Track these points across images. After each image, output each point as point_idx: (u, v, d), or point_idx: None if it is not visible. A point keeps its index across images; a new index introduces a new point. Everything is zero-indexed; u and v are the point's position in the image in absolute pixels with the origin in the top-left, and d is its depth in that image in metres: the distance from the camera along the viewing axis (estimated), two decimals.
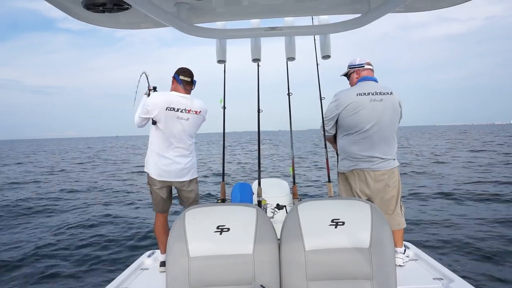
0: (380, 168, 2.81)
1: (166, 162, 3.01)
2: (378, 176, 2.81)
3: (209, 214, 1.73)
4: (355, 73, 3.00)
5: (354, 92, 2.85)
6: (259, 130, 3.56)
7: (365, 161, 2.81)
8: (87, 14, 1.24)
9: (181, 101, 3.00)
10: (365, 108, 2.78)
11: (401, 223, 2.94)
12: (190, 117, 3.03)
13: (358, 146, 2.83)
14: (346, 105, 2.83)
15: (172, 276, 1.66)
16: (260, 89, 3.48)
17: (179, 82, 3.03)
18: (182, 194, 3.20)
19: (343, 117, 2.87)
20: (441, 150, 23.43)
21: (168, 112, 2.94)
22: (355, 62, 3.02)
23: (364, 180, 2.83)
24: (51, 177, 16.72)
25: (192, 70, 3.13)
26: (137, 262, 3.12)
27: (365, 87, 2.85)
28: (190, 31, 1.33)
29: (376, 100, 2.79)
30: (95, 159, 28.31)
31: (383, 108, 2.79)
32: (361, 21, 1.31)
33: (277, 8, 1.42)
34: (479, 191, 8.69)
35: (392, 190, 2.87)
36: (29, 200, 10.50)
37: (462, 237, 5.44)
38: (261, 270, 1.64)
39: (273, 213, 3.26)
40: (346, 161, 2.91)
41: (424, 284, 2.49)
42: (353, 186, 2.87)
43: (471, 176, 11.23)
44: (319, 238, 1.66)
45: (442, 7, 1.37)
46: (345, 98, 2.86)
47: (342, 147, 2.97)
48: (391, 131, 2.86)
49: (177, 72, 3.06)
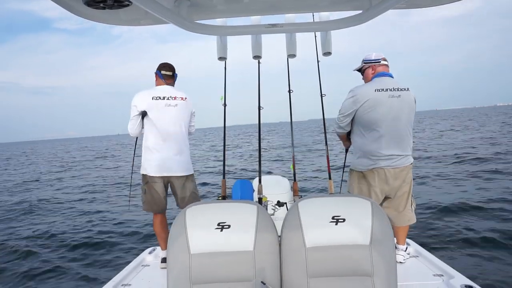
0: (400, 165, 2.76)
1: (162, 157, 3.01)
2: (397, 173, 2.77)
3: (210, 211, 1.73)
4: (371, 68, 2.91)
5: (372, 87, 2.75)
6: (259, 128, 3.56)
7: (385, 159, 2.75)
8: (87, 11, 1.24)
9: (165, 89, 3.09)
10: (384, 105, 2.71)
11: (411, 218, 2.91)
12: (178, 103, 3.08)
13: (377, 144, 2.75)
14: (364, 102, 2.73)
15: (173, 273, 1.67)
16: (261, 83, 3.47)
17: (160, 77, 3.13)
18: (176, 192, 3.16)
19: (360, 114, 2.77)
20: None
21: (156, 101, 3.01)
22: (371, 57, 2.93)
23: (384, 179, 2.77)
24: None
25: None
26: (138, 258, 3.13)
27: (383, 83, 2.77)
28: (191, 28, 1.32)
29: (394, 97, 2.72)
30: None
31: (401, 105, 2.73)
32: (362, 17, 1.30)
33: (278, 5, 1.42)
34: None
35: (405, 186, 2.84)
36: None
37: (464, 232, 5.45)
38: (261, 267, 1.65)
39: (273, 210, 3.26)
40: (364, 160, 2.82)
41: (424, 281, 2.49)
42: (373, 185, 2.80)
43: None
44: (320, 235, 1.67)
45: (443, 3, 1.37)
46: (362, 94, 2.75)
47: (359, 145, 2.87)
48: (408, 127, 2.81)
49: (159, 68, 3.17)
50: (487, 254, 4.65)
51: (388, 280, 1.62)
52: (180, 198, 3.16)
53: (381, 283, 1.61)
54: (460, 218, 6.27)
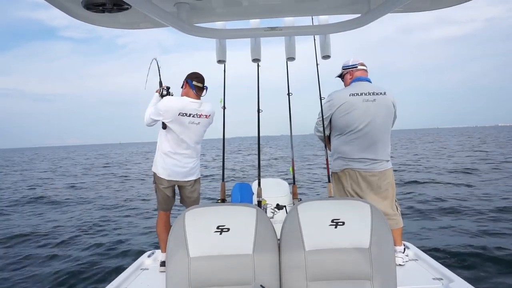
0: (371, 169, 2.82)
1: (175, 163, 3.08)
2: (368, 177, 2.83)
3: (209, 214, 1.73)
4: (348, 73, 3.03)
5: (347, 92, 2.86)
6: (259, 130, 3.56)
7: (356, 161, 2.83)
8: (86, 14, 1.24)
9: (193, 106, 3.05)
10: (358, 109, 2.79)
11: (399, 222, 2.95)
12: (201, 121, 3.11)
13: (350, 147, 2.84)
14: (339, 105, 2.84)
15: (172, 276, 1.66)
16: (261, 92, 3.48)
17: (191, 87, 3.08)
18: (185, 193, 3.24)
19: (335, 117, 2.89)
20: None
21: (181, 118, 3.00)
22: (349, 63, 3.05)
23: (355, 180, 2.85)
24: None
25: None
26: (137, 262, 3.12)
27: (358, 87, 2.86)
28: (190, 31, 1.33)
29: (369, 101, 2.80)
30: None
31: (376, 109, 2.80)
32: (361, 21, 1.31)
33: (277, 8, 1.42)
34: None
35: (385, 192, 2.87)
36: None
37: (463, 236, 5.44)
38: (261, 270, 1.64)
39: (273, 213, 3.26)
40: (338, 161, 2.94)
41: (424, 284, 2.48)
42: (345, 186, 2.90)
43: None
44: (319, 238, 1.66)
45: (442, 7, 1.37)
46: (338, 98, 2.87)
47: (335, 147, 2.99)
48: (384, 132, 2.86)
49: (190, 77, 3.09)
50: (488, 257, 4.64)
51: (387, 284, 1.62)
52: (187, 197, 3.24)
53: (381, 287, 1.61)
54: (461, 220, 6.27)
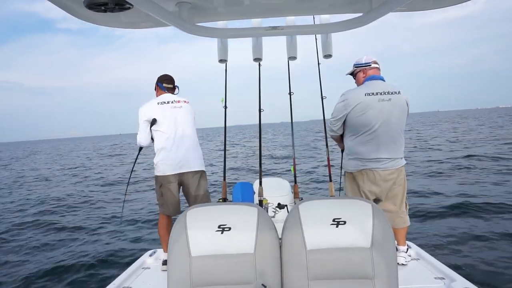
0: (388, 167, 2.80)
1: (176, 154, 3.10)
2: (386, 176, 2.81)
3: (210, 214, 1.73)
4: (362, 72, 2.95)
5: (362, 91, 2.80)
6: (260, 130, 3.57)
7: (373, 162, 2.79)
8: (88, 14, 1.24)
9: (168, 96, 3.23)
10: (374, 109, 2.75)
11: (406, 221, 2.94)
12: (183, 106, 3.21)
13: (366, 147, 2.80)
14: (354, 105, 2.78)
15: (174, 275, 1.67)
16: (263, 85, 3.49)
17: (163, 89, 3.25)
18: (191, 193, 3.20)
19: (351, 118, 2.83)
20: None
21: (162, 106, 3.13)
22: (362, 61, 2.97)
23: (373, 180, 2.81)
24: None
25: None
26: (139, 261, 3.13)
27: (373, 86, 2.81)
28: (192, 30, 1.33)
29: (385, 100, 2.76)
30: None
31: (391, 108, 2.77)
32: (363, 20, 1.31)
33: (279, 7, 1.42)
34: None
35: (397, 188, 2.87)
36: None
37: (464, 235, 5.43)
38: (262, 269, 1.65)
39: (274, 213, 3.26)
40: (354, 161, 2.88)
41: (426, 284, 2.48)
42: (361, 186, 2.85)
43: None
44: (321, 237, 1.66)
45: (444, 6, 1.37)
46: (353, 98, 2.81)
47: (350, 148, 2.93)
48: (399, 130, 2.84)
49: (160, 80, 3.28)
50: (490, 256, 4.63)
51: (389, 283, 1.62)
52: (193, 196, 3.21)
53: (382, 286, 1.61)
54: (462, 219, 6.26)
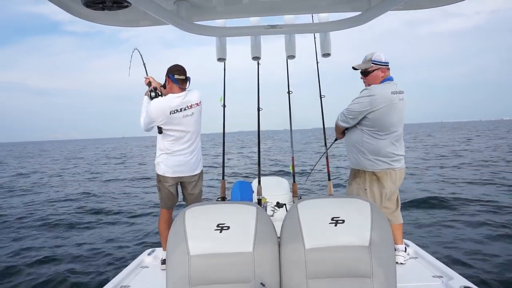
0: (403, 166, 2.87)
1: (178, 159, 3.09)
2: (402, 174, 2.86)
3: (209, 213, 1.73)
4: (380, 71, 2.82)
5: (389, 90, 2.73)
6: (259, 128, 3.57)
7: (397, 160, 2.80)
8: (86, 12, 1.24)
9: (180, 100, 3.01)
10: (397, 107, 2.72)
11: (400, 218, 3.01)
12: (194, 111, 3.09)
13: (393, 146, 2.78)
14: (382, 104, 2.67)
15: (172, 274, 1.66)
16: (262, 88, 3.50)
17: (174, 81, 2.99)
18: (187, 191, 3.24)
19: (378, 116, 2.70)
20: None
21: (174, 115, 2.98)
22: (381, 59, 2.82)
23: (394, 180, 2.82)
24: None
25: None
26: (137, 260, 3.13)
27: (392, 86, 2.77)
28: (190, 29, 1.32)
29: (401, 100, 2.75)
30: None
31: (403, 106, 2.80)
32: (361, 19, 1.31)
33: (277, 6, 1.42)
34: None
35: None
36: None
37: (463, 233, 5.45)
38: (261, 268, 1.65)
39: (273, 212, 3.26)
40: (380, 162, 2.77)
41: (424, 282, 2.49)
42: (385, 187, 2.79)
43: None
44: (319, 236, 1.67)
45: (441, 5, 1.37)
46: (382, 96, 2.69)
47: (375, 147, 2.77)
48: (402, 128, 2.89)
49: (171, 71, 3.00)
50: (489, 255, 4.64)
51: (387, 282, 1.62)
52: (189, 194, 3.24)
53: (380, 285, 1.61)
54: (461, 218, 6.28)
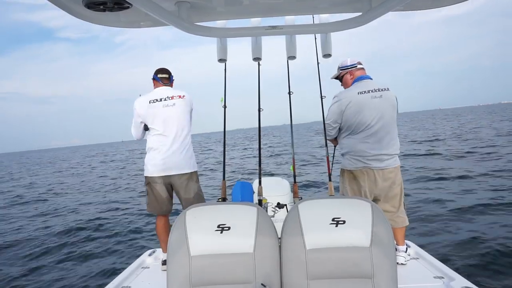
0: (389, 165, 2.83)
1: (163, 156, 3.04)
2: (386, 174, 2.83)
3: (210, 213, 1.73)
4: (348, 74, 2.99)
5: (355, 91, 2.85)
6: (259, 130, 3.56)
7: (373, 159, 2.81)
8: (87, 13, 1.24)
9: (162, 91, 3.16)
10: (368, 106, 2.79)
11: (405, 220, 2.96)
12: (176, 102, 3.12)
13: (366, 145, 2.82)
14: (348, 104, 2.82)
15: (173, 275, 1.67)
16: (263, 87, 3.49)
17: (158, 80, 3.22)
18: (180, 195, 3.16)
19: (347, 117, 2.86)
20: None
21: (153, 105, 3.08)
22: (347, 63, 3.01)
23: (373, 180, 2.83)
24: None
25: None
26: (138, 260, 3.13)
27: (364, 85, 2.86)
28: (191, 30, 1.32)
29: (377, 97, 2.80)
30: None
31: (383, 104, 2.81)
32: (362, 19, 1.31)
33: (278, 7, 1.42)
34: None
35: (396, 187, 2.88)
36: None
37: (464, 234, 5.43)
38: (261, 268, 1.65)
39: (273, 212, 3.26)
40: (354, 160, 2.88)
41: (425, 283, 2.49)
42: (362, 186, 2.85)
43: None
44: (320, 237, 1.66)
45: (443, 6, 1.37)
46: (346, 98, 2.85)
47: (349, 146, 2.92)
48: (393, 127, 2.87)
49: (155, 73, 3.27)
50: (487, 253, 4.63)
51: (388, 282, 1.62)
52: (184, 199, 3.15)
53: (382, 285, 1.61)
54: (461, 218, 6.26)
